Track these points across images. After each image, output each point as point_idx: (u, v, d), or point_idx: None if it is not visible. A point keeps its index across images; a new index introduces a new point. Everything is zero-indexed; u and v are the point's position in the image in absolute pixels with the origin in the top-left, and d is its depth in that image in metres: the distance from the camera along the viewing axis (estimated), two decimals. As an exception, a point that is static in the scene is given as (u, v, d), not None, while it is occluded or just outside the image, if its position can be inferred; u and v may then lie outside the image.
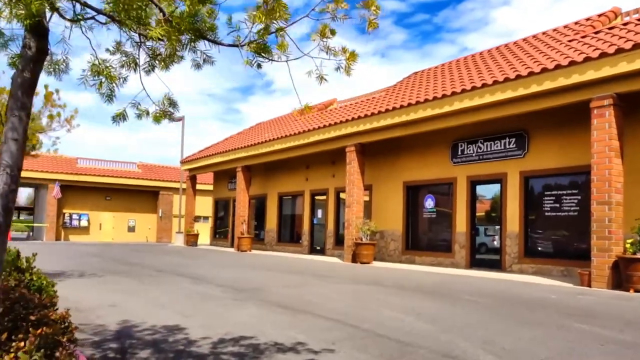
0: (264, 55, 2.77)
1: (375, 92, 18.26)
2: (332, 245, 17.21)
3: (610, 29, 10.03)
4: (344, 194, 15.23)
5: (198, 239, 24.15)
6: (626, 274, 8.33)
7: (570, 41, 10.57)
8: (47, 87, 9.54)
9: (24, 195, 69.91)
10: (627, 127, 9.23)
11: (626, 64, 8.36)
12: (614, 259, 8.57)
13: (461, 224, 12.94)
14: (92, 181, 29.57)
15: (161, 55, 3.16)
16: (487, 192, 13.09)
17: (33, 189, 34.96)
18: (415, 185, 14.50)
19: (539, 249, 11.50)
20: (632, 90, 8.65)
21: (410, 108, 12.52)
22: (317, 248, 18.13)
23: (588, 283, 8.85)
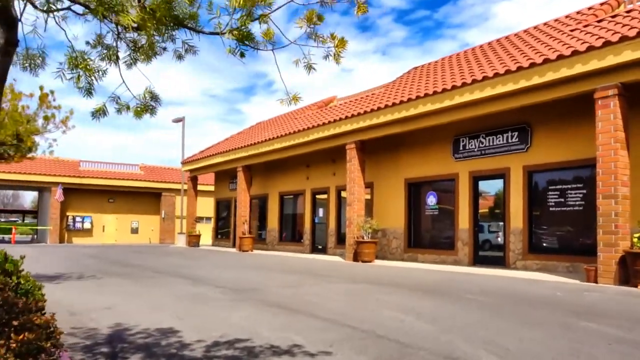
0: (247, 43, 2.61)
1: (374, 88, 18.08)
2: (334, 244, 17.06)
3: (613, 17, 9.80)
4: (345, 192, 15.08)
5: (200, 240, 24.08)
6: (634, 269, 8.13)
7: (572, 31, 10.35)
8: (42, 88, 9.45)
9: (28, 198, 70.50)
10: (632, 118, 9.01)
11: (631, 52, 8.15)
12: (621, 254, 8.37)
13: (464, 221, 12.76)
14: (94, 183, 29.61)
15: (143, 48, 3.02)
16: (490, 188, 12.90)
17: (37, 193, 35.08)
18: (416, 182, 14.32)
19: (543, 245, 11.30)
20: (637, 79, 8.43)
21: (410, 103, 12.34)
22: (319, 247, 18.00)
23: (594, 279, 8.66)
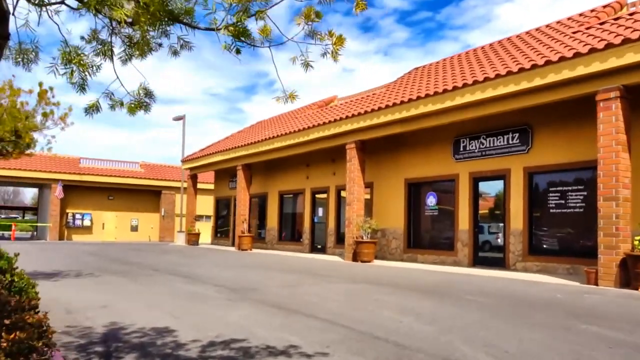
0: (244, 40, 2.57)
1: (375, 88, 18.03)
2: (333, 243, 17.02)
3: (615, 19, 9.74)
4: (345, 192, 15.03)
5: (199, 238, 24.05)
6: (634, 272, 8.08)
7: (574, 33, 10.29)
8: (42, 84, 9.41)
9: (29, 195, 70.48)
10: (634, 120, 8.96)
11: (633, 55, 8.10)
12: (622, 256, 8.31)
13: (464, 222, 12.71)
14: (94, 181, 29.58)
15: (138, 44, 2.97)
16: (490, 189, 12.84)
17: (37, 189, 35.04)
18: (416, 183, 14.27)
19: (543, 246, 11.24)
20: (639, 82, 8.38)
21: (411, 104, 12.29)
22: (318, 247, 17.95)
23: (595, 281, 8.61)
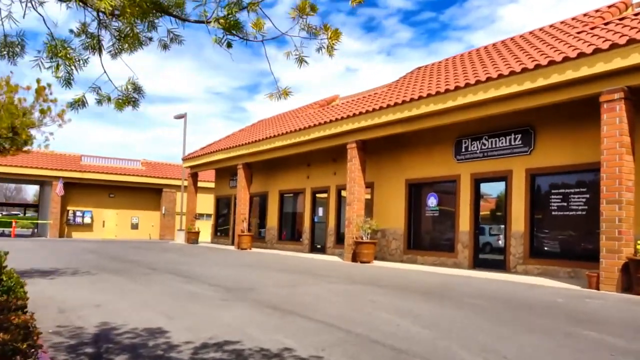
0: (235, 33, 2.47)
1: (377, 87, 17.91)
2: (333, 243, 16.92)
3: (620, 19, 9.61)
4: (345, 191, 14.93)
5: (199, 237, 23.98)
6: (637, 276, 7.95)
7: (578, 33, 10.17)
8: (39, 81, 9.34)
9: (31, 192, 70.57)
10: (638, 122, 8.81)
11: (638, 55, 7.95)
12: (624, 260, 8.19)
13: (464, 223, 12.59)
14: (95, 178, 29.56)
15: (128, 37, 2.88)
16: (492, 190, 12.72)
17: (38, 186, 35.08)
18: (417, 183, 14.16)
19: (545, 249, 11.12)
20: (644, 83, 8.26)
21: (413, 103, 12.18)
22: (318, 246, 17.85)
23: (596, 286, 8.49)
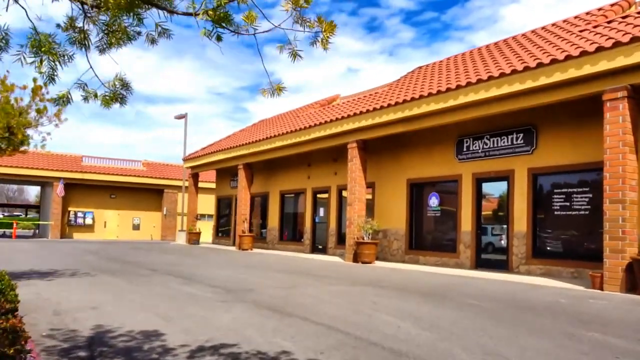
0: (225, 26, 2.39)
1: (378, 87, 17.82)
2: (334, 244, 16.83)
3: (624, 17, 9.50)
4: (346, 192, 14.84)
5: (200, 237, 23.92)
6: (641, 276, 7.85)
7: (581, 31, 10.05)
8: (36, 80, 9.24)
9: (33, 193, 70.72)
10: (642, 121, 8.72)
11: (642, 53, 7.86)
12: (628, 260, 8.08)
13: (466, 223, 12.49)
14: (97, 179, 29.53)
15: (115, 32, 2.80)
16: (494, 190, 12.61)
17: (39, 187, 35.09)
18: (419, 183, 14.05)
19: (547, 249, 11.01)
20: (647, 81, 8.15)
21: (414, 103, 12.08)
22: (319, 247, 17.77)
23: (600, 286, 8.38)
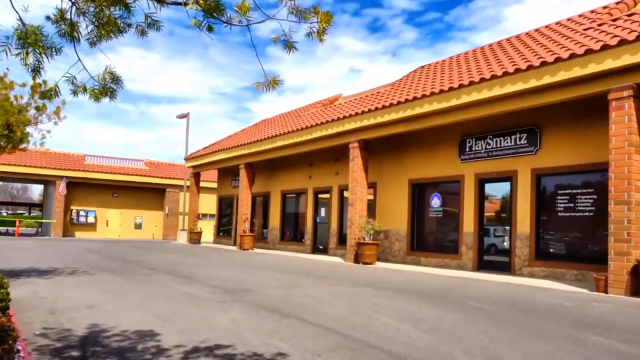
0: (216, 15, 2.30)
1: (380, 86, 17.71)
2: (335, 244, 16.73)
3: (629, 15, 9.37)
4: (348, 192, 14.74)
5: (201, 237, 23.87)
6: (646, 279, 7.71)
7: (586, 30, 9.92)
8: (35, 77, 9.18)
9: (37, 191, 70.96)
10: (648, 121, 8.58)
11: (648, 52, 7.73)
12: (634, 263, 7.95)
13: (469, 224, 12.37)
14: (99, 178, 29.56)
15: (107, 25, 2.71)
16: (497, 191, 12.48)
17: (43, 186, 35.13)
18: (421, 183, 13.94)
19: (551, 251, 10.88)
20: (654, 80, 8.01)
21: (416, 102, 11.97)
22: (320, 247, 17.67)
23: (604, 289, 8.25)
